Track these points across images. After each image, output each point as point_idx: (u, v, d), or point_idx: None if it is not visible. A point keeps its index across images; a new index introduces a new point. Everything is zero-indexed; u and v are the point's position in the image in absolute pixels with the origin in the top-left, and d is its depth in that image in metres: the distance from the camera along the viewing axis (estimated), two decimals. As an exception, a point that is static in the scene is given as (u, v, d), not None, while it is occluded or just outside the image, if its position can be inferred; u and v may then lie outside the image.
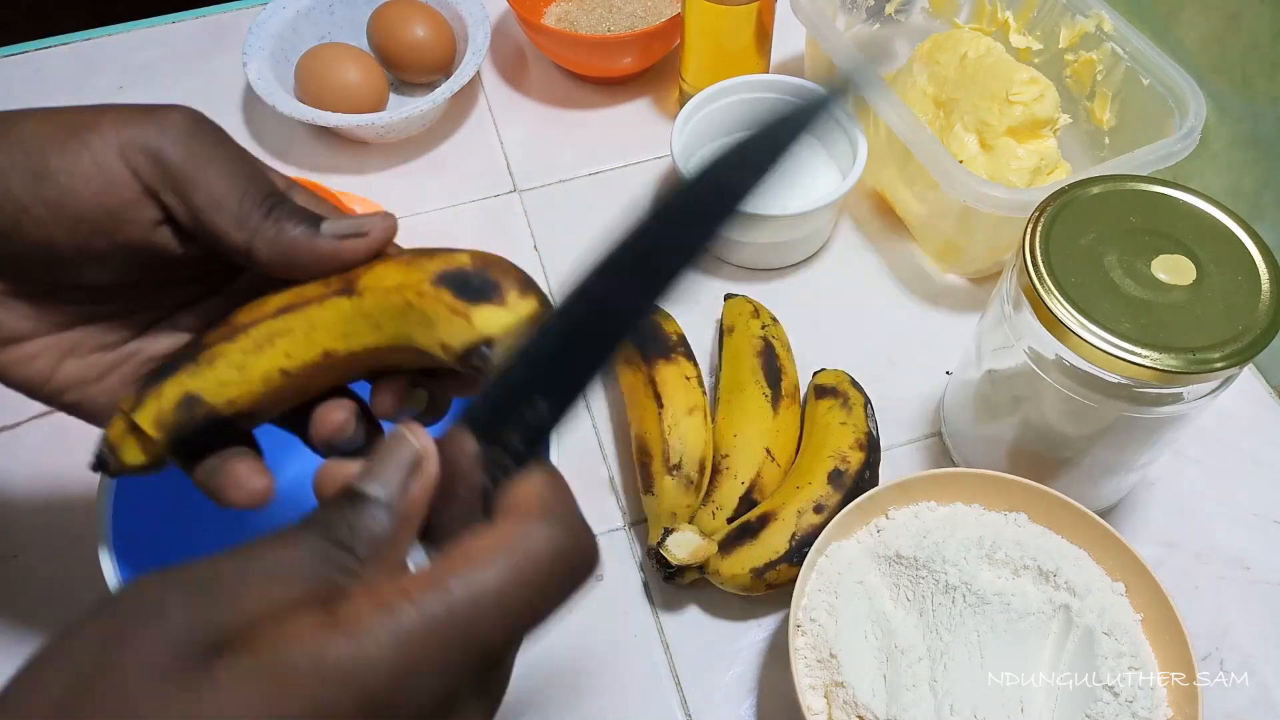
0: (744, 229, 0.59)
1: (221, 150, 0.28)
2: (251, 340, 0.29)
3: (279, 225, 0.28)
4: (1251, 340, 0.38)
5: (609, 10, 0.72)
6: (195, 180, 0.28)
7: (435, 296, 0.28)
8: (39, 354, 0.30)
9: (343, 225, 0.29)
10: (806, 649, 0.42)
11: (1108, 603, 0.42)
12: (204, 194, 0.28)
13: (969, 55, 0.59)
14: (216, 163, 0.28)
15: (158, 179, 0.27)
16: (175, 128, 0.28)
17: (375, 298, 0.29)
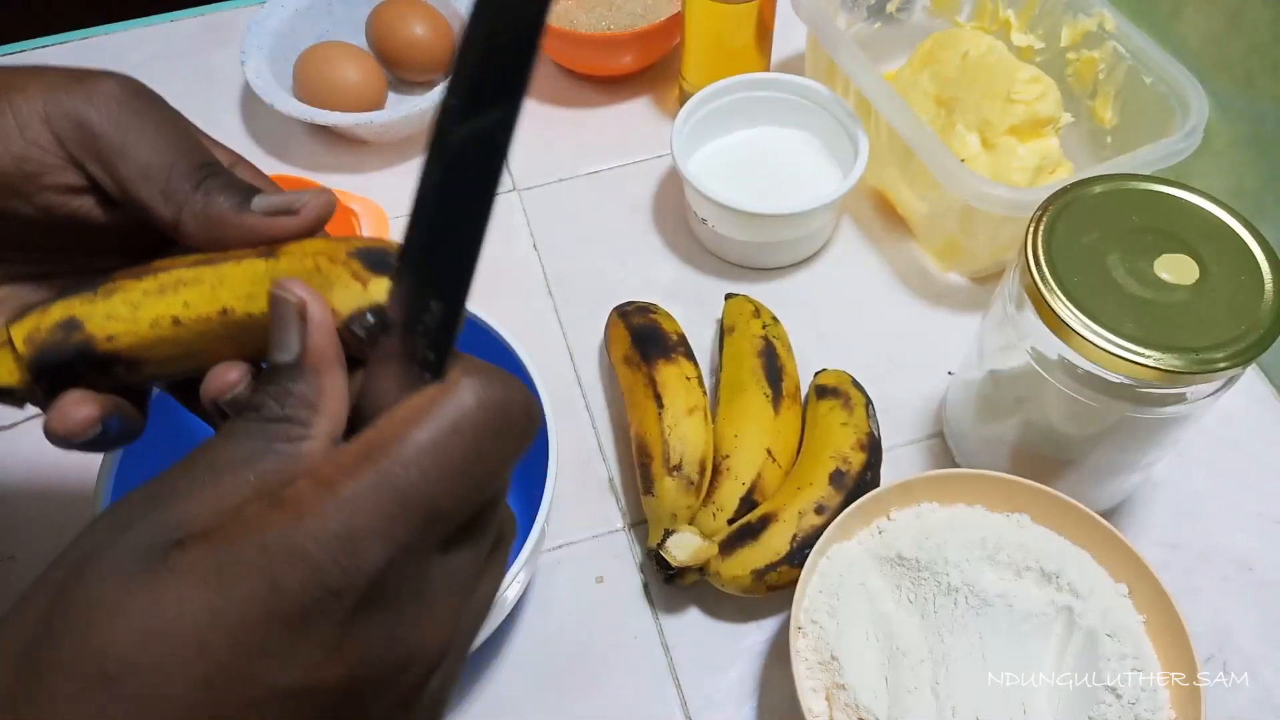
0: (745, 228, 0.59)
1: (152, 120, 0.28)
2: (157, 283, 0.28)
3: (207, 198, 0.28)
4: (1255, 340, 0.38)
5: (609, 8, 0.72)
6: (122, 151, 0.27)
7: (345, 264, 0.27)
8: None
9: (274, 201, 0.28)
10: (808, 651, 0.42)
11: (1110, 604, 0.42)
12: (130, 165, 0.27)
13: (970, 54, 0.59)
14: (146, 133, 0.27)
15: (83, 148, 0.27)
16: (105, 95, 0.27)
17: (289, 261, 0.28)
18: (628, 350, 0.53)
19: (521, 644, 0.48)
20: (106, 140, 0.27)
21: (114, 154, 0.27)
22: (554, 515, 0.51)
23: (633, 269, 0.62)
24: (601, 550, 0.51)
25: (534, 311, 0.60)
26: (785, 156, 0.64)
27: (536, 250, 0.63)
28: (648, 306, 0.55)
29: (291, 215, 0.28)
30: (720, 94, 0.63)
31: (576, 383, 0.57)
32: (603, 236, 0.64)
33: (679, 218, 0.65)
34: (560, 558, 0.51)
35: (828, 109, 0.62)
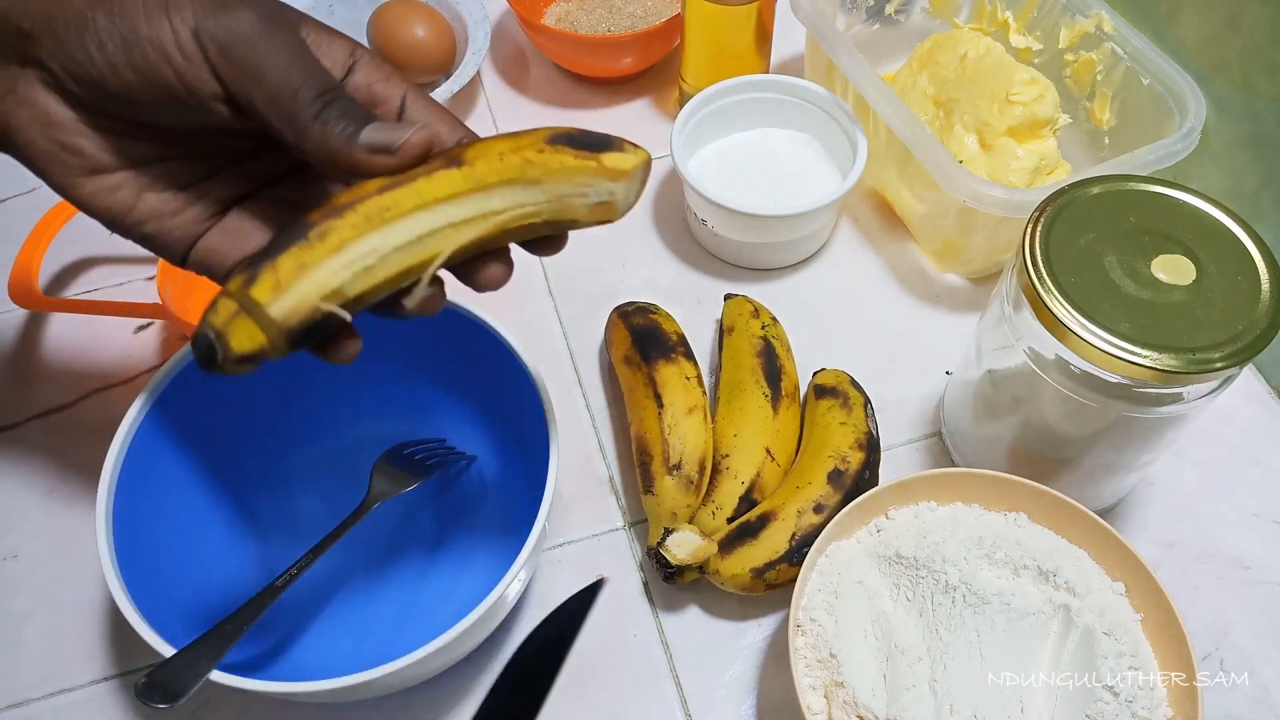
0: (744, 229, 0.59)
1: (283, 46, 0.31)
2: (361, 215, 0.30)
3: (324, 130, 0.30)
4: (1251, 340, 0.38)
5: (609, 10, 0.72)
6: (255, 74, 0.30)
7: (555, 153, 0.30)
8: (121, 185, 0.33)
9: (378, 138, 0.31)
10: (806, 649, 0.42)
11: (1107, 603, 0.42)
12: (261, 88, 0.30)
13: (969, 55, 0.59)
14: (276, 58, 0.30)
15: (225, 67, 0.30)
16: (243, 22, 0.30)
17: (485, 165, 0.30)
18: (628, 350, 0.53)
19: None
20: (243, 64, 0.30)
21: (248, 77, 0.30)
22: (554, 514, 0.51)
23: (633, 269, 0.62)
24: (601, 549, 0.51)
25: (534, 311, 0.60)
26: (784, 158, 0.64)
27: (537, 251, 0.63)
28: (648, 307, 0.56)
29: (390, 155, 0.30)
30: (720, 95, 0.63)
31: (577, 383, 0.57)
32: (603, 237, 0.64)
33: (679, 218, 0.65)
34: (560, 556, 0.51)
35: (827, 110, 0.62)
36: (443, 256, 0.31)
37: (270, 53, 0.30)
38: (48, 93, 0.31)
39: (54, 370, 0.58)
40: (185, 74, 0.30)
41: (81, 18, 0.30)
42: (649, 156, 0.31)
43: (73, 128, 0.32)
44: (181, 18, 0.30)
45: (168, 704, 0.36)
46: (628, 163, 0.30)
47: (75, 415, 0.56)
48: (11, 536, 0.51)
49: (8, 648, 0.48)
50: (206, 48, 0.30)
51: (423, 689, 0.46)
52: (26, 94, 0.31)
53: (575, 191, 0.30)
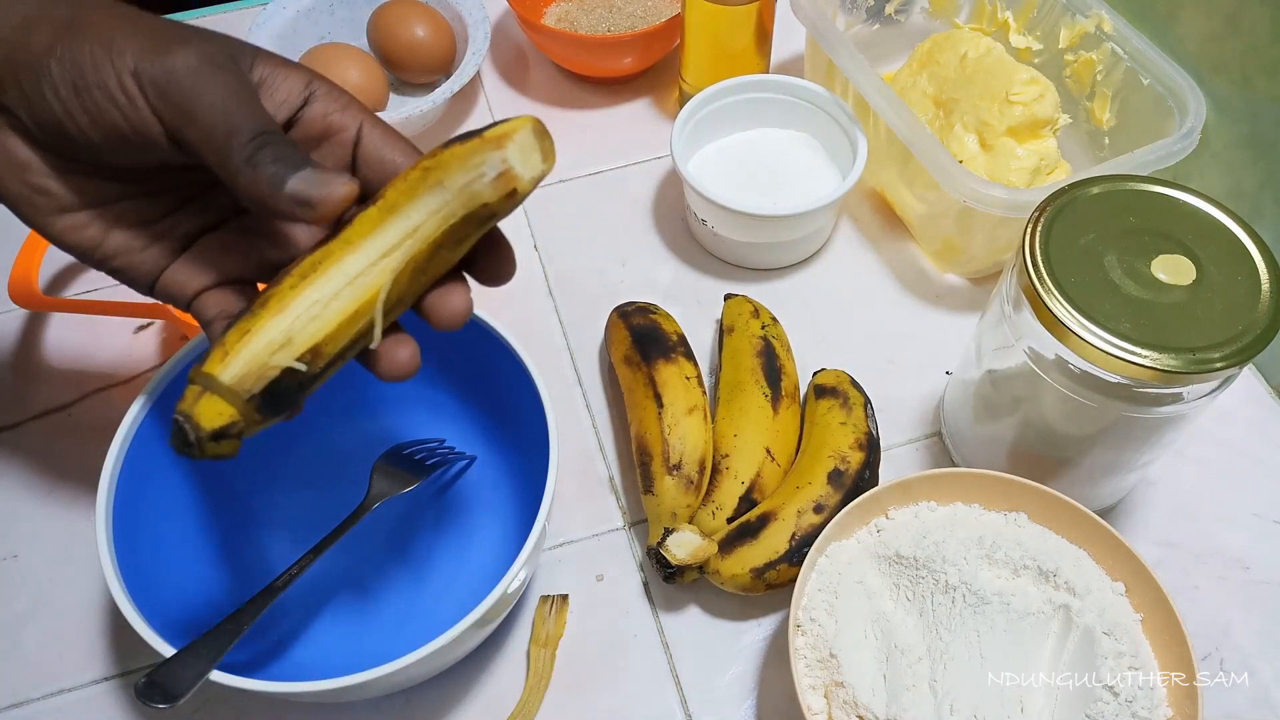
0: (744, 229, 0.59)
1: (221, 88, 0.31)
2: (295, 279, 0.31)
3: (254, 174, 0.31)
4: (1251, 340, 0.38)
5: (609, 10, 0.72)
6: (189, 115, 0.31)
7: (444, 150, 0.31)
8: (89, 223, 0.34)
9: (301, 189, 0.31)
10: (806, 649, 0.42)
11: (1107, 603, 0.42)
12: (195, 130, 0.31)
13: (969, 55, 0.59)
14: (209, 100, 0.31)
15: (162, 108, 0.31)
16: (179, 65, 0.31)
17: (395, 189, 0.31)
18: (628, 350, 0.53)
19: (522, 642, 0.48)
20: (178, 104, 0.31)
21: (183, 118, 0.31)
22: (554, 514, 0.51)
23: (633, 269, 0.62)
24: (601, 549, 0.51)
25: (534, 311, 0.60)
26: (784, 158, 0.64)
27: (537, 251, 0.63)
28: (648, 307, 0.56)
29: (310, 209, 0.31)
30: (720, 95, 0.63)
31: (577, 382, 0.57)
32: (603, 237, 0.64)
33: (679, 218, 0.65)
34: (561, 556, 0.51)
35: (827, 110, 0.62)
36: (385, 288, 0.31)
37: (205, 93, 0.31)
38: (15, 136, 0.33)
39: (54, 370, 0.58)
40: (130, 116, 0.31)
41: (39, 65, 0.31)
42: (534, 119, 0.31)
43: (40, 170, 0.33)
44: (123, 61, 0.31)
45: (168, 704, 0.36)
46: (509, 127, 0.30)
47: (75, 415, 0.56)
48: (11, 536, 0.51)
49: (8, 648, 0.48)
50: (145, 89, 0.31)
51: (422, 689, 0.46)
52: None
53: (473, 176, 0.30)
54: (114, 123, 0.31)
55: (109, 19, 0.32)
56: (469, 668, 0.47)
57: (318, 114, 0.35)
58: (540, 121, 0.31)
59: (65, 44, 0.31)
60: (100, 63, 0.31)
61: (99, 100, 0.31)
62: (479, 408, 0.52)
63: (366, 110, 0.35)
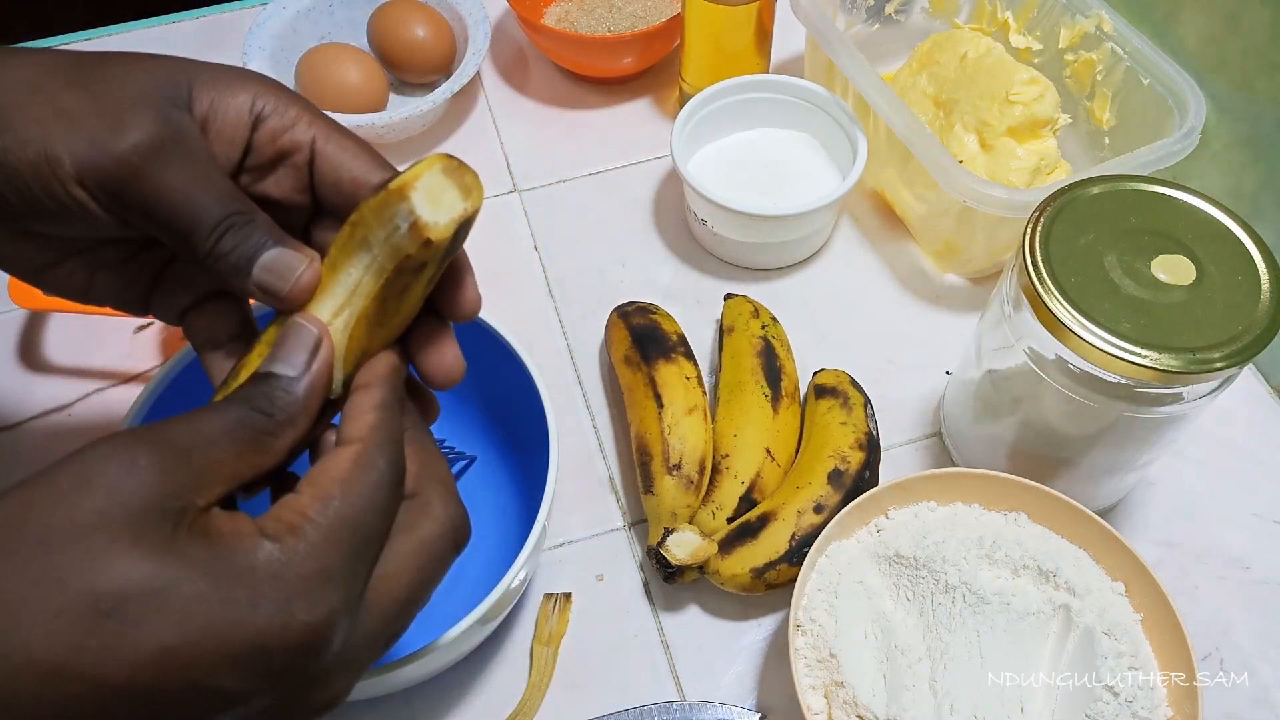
0: (744, 229, 0.59)
1: (176, 172, 0.29)
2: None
3: (218, 266, 0.30)
4: (1251, 340, 0.38)
5: (609, 10, 0.72)
6: (146, 213, 0.30)
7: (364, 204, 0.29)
8: (73, 272, 0.34)
9: (267, 280, 0.30)
10: (806, 649, 0.42)
11: (1107, 603, 0.42)
12: (156, 227, 0.30)
13: (969, 55, 0.59)
14: (167, 193, 0.29)
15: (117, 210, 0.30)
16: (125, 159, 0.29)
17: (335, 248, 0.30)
18: (628, 350, 0.53)
19: (522, 641, 0.48)
20: (134, 204, 0.29)
21: (142, 217, 0.30)
22: (554, 514, 0.51)
23: (633, 269, 0.62)
24: (601, 549, 0.51)
25: (534, 311, 0.60)
26: (784, 158, 0.64)
27: (537, 251, 0.63)
28: (648, 307, 0.56)
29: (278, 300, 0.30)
30: (720, 95, 0.63)
31: (577, 382, 0.57)
32: (603, 237, 0.64)
33: (679, 218, 0.65)
34: (560, 556, 0.51)
35: (827, 110, 0.62)
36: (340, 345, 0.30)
37: (160, 187, 0.29)
38: None
39: (54, 370, 0.58)
40: (87, 219, 0.30)
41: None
42: (443, 158, 0.29)
43: (5, 238, 0.32)
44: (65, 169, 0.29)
45: None
46: (411, 174, 0.28)
47: (75, 415, 0.56)
48: (11, 536, 0.51)
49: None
50: (95, 195, 0.29)
51: (422, 689, 0.46)
52: None
53: (389, 229, 0.29)
54: (74, 224, 0.30)
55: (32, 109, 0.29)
56: (470, 667, 0.47)
57: (267, 137, 0.32)
58: (451, 158, 0.29)
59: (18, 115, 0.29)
60: (42, 175, 0.29)
61: (53, 209, 0.29)
62: (479, 408, 0.52)
63: (318, 119, 0.32)
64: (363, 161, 0.32)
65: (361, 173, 0.32)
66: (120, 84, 0.30)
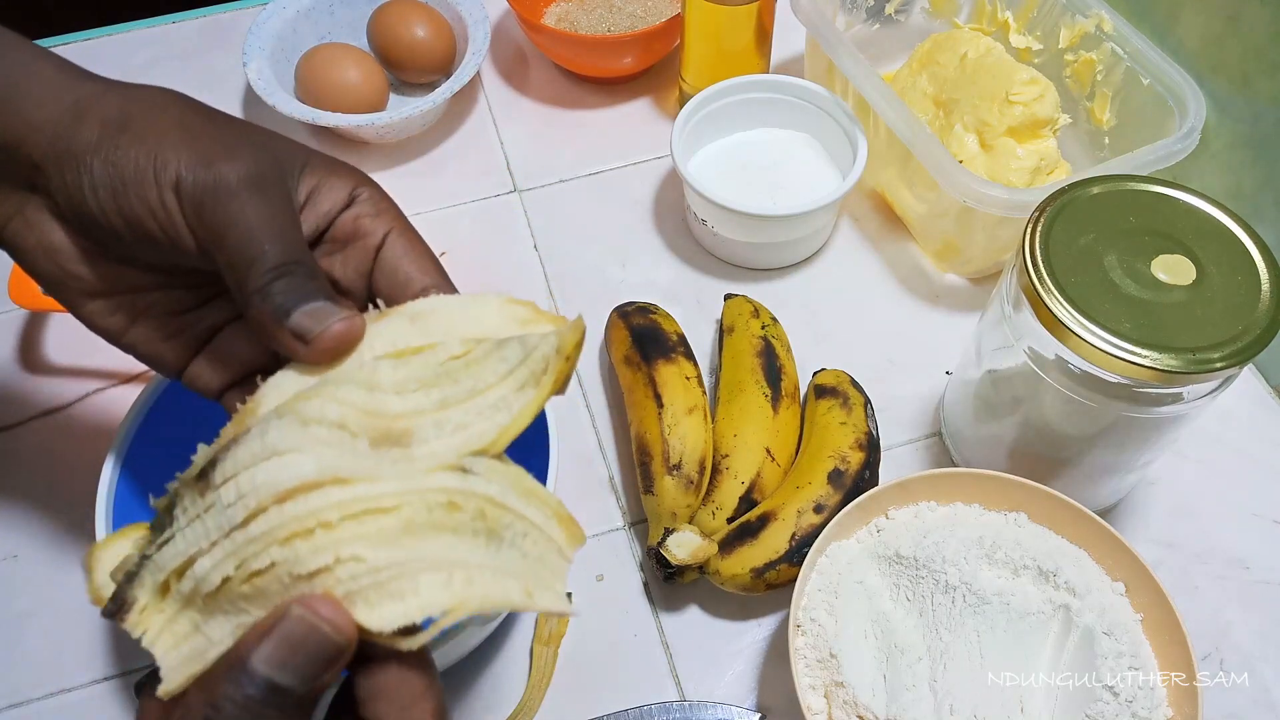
0: (744, 229, 0.59)
1: (257, 210, 0.31)
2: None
3: (262, 303, 0.30)
4: (1251, 340, 0.38)
5: (609, 10, 0.72)
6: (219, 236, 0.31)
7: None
8: (116, 309, 0.34)
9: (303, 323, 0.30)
10: (806, 649, 0.42)
11: (1107, 602, 0.42)
12: (222, 252, 0.31)
13: (969, 55, 0.59)
14: (243, 222, 0.30)
15: (196, 225, 0.31)
16: (223, 183, 0.31)
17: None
18: (628, 350, 0.53)
19: (522, 641, 0.48)
20: (212, 224, 0.31)
21: (214, 238, 0.31)
22: (554, 514, 0.51)
23: (633, 269, 0.62)
24: (601, 549, 0.51)
25: (534, 312, 0.60)
26: (784, 158, 0.64)
27: (537, 251, 0.63)
28: (648, 307, 0.56)
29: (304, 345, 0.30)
30: (720, 95, 0.63)
31: (577, 382, 0.57)
32: (603, 237, 0.64)
33: (679, 218, 0.65)
34: (560, 557, 0.51)
35: (827, 110, 0.62)
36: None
37: (239, 217, 0.30)
38: (52, 220, 0.33)
39: (54, 370, 0.58)
40: (165, 228, 0.31)
41: (82, 160, 0.31)
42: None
43: (72, 255, 0.33)
44: (167, 174, 0.31)
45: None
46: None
47: (75, 415, 0.56)
48: (11, 536, 0.51)
49: (8, 648, 0.48)
50: (184, 205, 0.31)
51: (423, 689, 0.46)
52: (34, 218, 0.33)
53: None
54: (149, 231, 0.31)
55: (161, 121, 0.32)
56: (470, 667, 0.47)
57: (350, 216, 0.34)
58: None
59: (111, 143, 0.31)
60: (143, 171, 0.31)
61: (136, 208, 0.31)
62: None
63: (401, 218, 0.35)
64: (421, 263, 0.34)
65: (417, 274, 0.34)
66: (246, 131, 0.32)
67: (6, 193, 0.33)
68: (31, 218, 0.33)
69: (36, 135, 0.31)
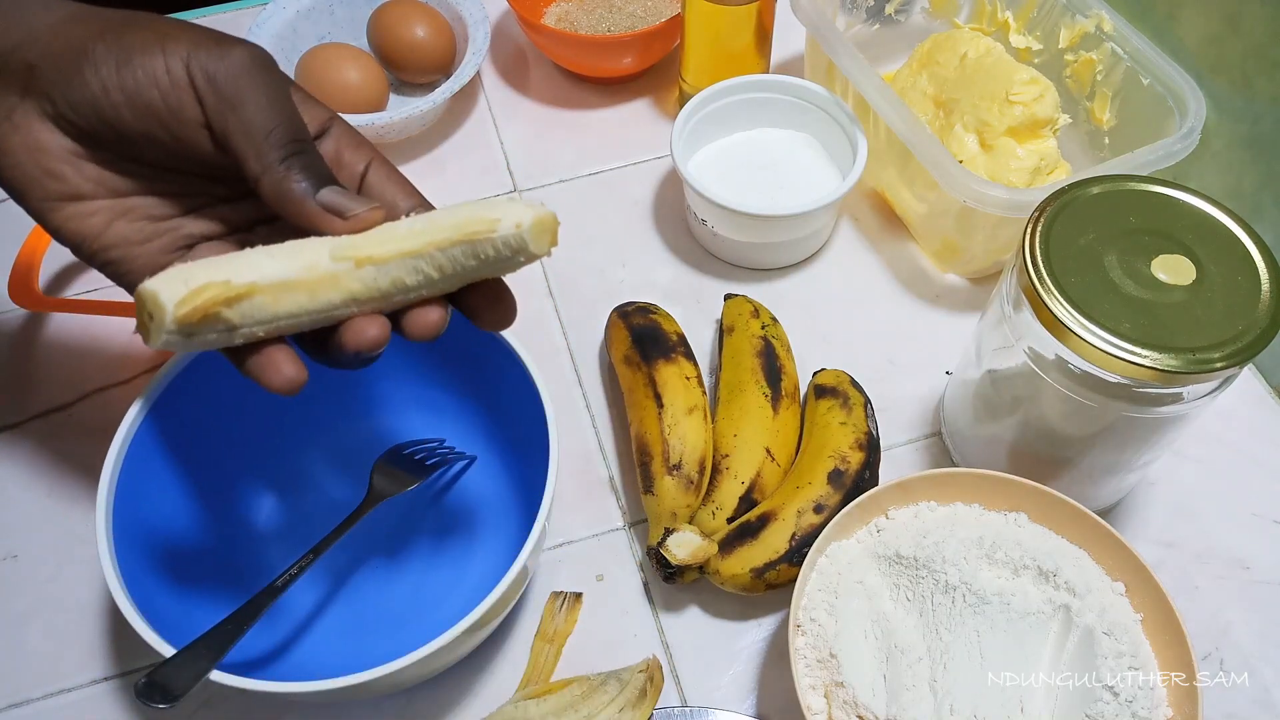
0: (744, 229, 0.59)
1: (267, 88, 0.33)
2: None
3: (287, 174, 0.32)
4: (1251, 340, 0.38)
5: (609, 10, 0.72)
6: (235, 106, 0.32)
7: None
8: (96, 212, 0.35)
9: (335, 199, 0.33)
10: (806, 649, 0.42)
11: (1107, 602, 0.42)
12: (237, 118, 0.32)
13: (969, 55, 0.59)
14: (258, 97, 0.33)
15: (208, 94, 0.33)
16: (235, 59, 0.33)
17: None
18: (628, 350, 0.53)
19: (522, 641, 0.48)
20: (226, 93, 0.33)
21: (228, 105, 0.32)
22: (555, 514, 0.51)
23: (633, 269, 0.62)
24: (601, 549, 0.51)
25: (534, 311, 0.60)
26: (784, 158, 0.64)
27: (537, 251, 0.63)
28: (648, 307, 0.56)
29: (341, 219, 0.33)
30: (720, 95, 0.63)
31: (577, 383, 0.57)
32: (603, 237, 0.64)
33: (679, 218, 0.65)
34: (560, 556, 0.51)
35: (827, 110, 0.62)
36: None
37: (254, 90, 0.33)
38: (44, 121, 0.33)
39: (54, 370, 0.58)
40: (169, 97, 0.32)
41: (84, 46, 0.32)
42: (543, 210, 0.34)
43: (60, 155, 0.34)
44: (175, 48, 0.33)
45: (167, 704, 0.36)
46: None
47: (75, 415, 0.56)
48: (11, 536, 0.51)
49: (8, 648, 0.48)
50: (194, 75, 0.32)
51: (423, 689, 0.46)
52: (22, 121, 0.33)
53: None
54: (150, 103, 0.32)
55: (159, 20, 0.34)
56: (470, 666, 0.47)
57: (330, 148, 0.37)
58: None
59: (115, 32, 0.33)
60: (149, 47, 0.32)
61: (140, 78, 0.32)
62: (479, 408, 0.52)
63: (376, 151, 0.37)
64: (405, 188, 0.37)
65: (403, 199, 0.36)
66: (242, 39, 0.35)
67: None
68: (19, 121, 0.33)
69: (33, 40, 0.33)
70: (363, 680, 0.37)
